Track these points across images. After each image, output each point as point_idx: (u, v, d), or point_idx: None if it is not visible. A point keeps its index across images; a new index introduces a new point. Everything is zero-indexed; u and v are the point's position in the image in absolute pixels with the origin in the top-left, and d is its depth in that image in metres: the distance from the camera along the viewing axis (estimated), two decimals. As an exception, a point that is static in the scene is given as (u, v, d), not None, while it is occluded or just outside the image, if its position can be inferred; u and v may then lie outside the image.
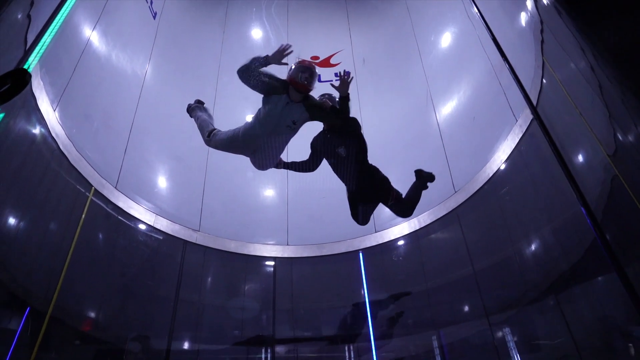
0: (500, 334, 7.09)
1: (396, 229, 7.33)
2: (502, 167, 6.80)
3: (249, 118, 4.01)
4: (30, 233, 5.82)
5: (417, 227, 7.27)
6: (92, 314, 7.24)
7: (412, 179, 5.07)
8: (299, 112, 3.93)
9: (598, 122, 5.25)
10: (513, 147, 6.61)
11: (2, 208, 5.27)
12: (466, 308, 7.60)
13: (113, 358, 7.38)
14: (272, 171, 7.91)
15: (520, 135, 6.51)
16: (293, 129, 3.97)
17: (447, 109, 7.98)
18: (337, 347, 7.94)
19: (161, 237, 6.58)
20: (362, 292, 7.14)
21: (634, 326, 5.14)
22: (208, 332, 7.47)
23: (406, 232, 7.29)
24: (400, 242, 7.31)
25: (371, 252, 7.21)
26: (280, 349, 7.43)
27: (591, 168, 5.32)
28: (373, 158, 7.89)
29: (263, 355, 7.68)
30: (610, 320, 5.83)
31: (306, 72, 3.85)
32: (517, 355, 6.86)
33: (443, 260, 7.43)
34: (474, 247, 7.03)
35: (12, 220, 5.55)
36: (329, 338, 8.01)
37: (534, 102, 5.95)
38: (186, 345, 7.56)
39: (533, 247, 6.74)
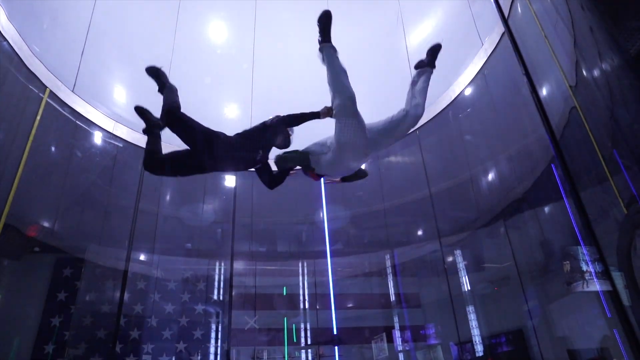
0: (450, 255, 7.51)
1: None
2: (465, 90, 6.90)
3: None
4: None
5: (377, 148, 7.39)
6: (49, 223, 7.21)
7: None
8: None
9: (563, 52, 5.33)
10: (477, 71, 6.68)
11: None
12: (420, 229, 7.96)
13: (72, 267, 7.46)
14: (234, 84, 7.86)
15: (485, 59, 6.57)
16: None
17: (415, 30, 7.91)
18: (295, 262, 8.23)
19: (121, 145, 6.47)
20: (321, 209, 7.32)
21: (572, 246, 5.50)
22: (166, 244, 7.58)
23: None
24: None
25: (332, 171, 7.33)
26: (238, 264, 7.64)
27: (553, 98, 5.45)
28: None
29: (222, 268, 7.90)
30: (550, 244, 6.25)
31: None
32: (464, 276, 7.33)
33: (401, 181, 7.65)
34: (432, 169, 7.24)
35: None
36: (287, 253, 8.29)
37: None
38: (144, 257, 7.68)
39: (488, 173, 7.02)
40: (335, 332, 6.91)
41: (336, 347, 7.08)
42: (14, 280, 7.04)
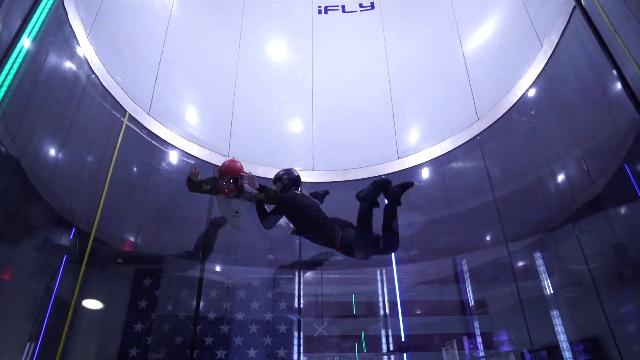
0: (519, 261, 7.38)
1: (418, 155, 7.51)
2: (526, 93, 6.81)
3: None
4: (71, 158, 6.20)
5: (439, 154, 7.43)
6: (131, 236, 7.77)
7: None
8: (237, 203, 5.03)
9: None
10: (538, 73, 6.60)
11: (44, 132, 5.61)
12: (486, 235, 7.87)
13: (152, 276, 7.99)
14: (299, 101, 8.15)
15: (545, 61, 6.48)
16: (241, 215, 5.12)
17: (472, 36, 7.91)
18: (360, 270, 8.35)
19: (193, 162, 6.91)
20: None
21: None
22: (236, 254, 7.93)
23: (428, 158, 7.46)
24: (422, 169, 7.51)
25: (393, 178, 7.41)
26: (306, 272, 7.85)
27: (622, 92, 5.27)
28: (398, 87, 7.97)
29: (291, 277, 8.16)
30: (625, 248, 6.03)
31: (224, 179, 4.88)
32: (534, 282, 7.17)
33: (464, 187, 7.62)
34: (496, 174, 7.18)
35: (53, 145, 5.91)
36: (354, 262, 8.41)
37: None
38: (216, 266, 8.08)
39: (555, 175, 6.88)
40: (403, 339, 6.96)
41: (405, 355, 7.10)
42: (100, 289, 7.63)
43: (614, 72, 4.96)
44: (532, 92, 6.69)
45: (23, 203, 5.68)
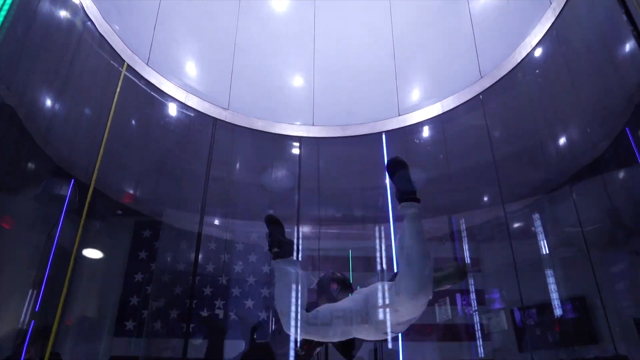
0: (514, 221, 7.46)
1: (419, 113, 7.43)
2: (532, 52, 6.66)
3: None
4: (68, 108, 6.15)
5: (441, 112, 7.36)
6: (131, 188, 7.81)
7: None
8: None
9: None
10: (545, 31, 6.43)
11: (39, 81, 5.53)
12: (484, 195, 7.92)
13: (151, 228, 8.11)
14: (301, 56, 7.99)
15: (553, 20, 6.30)
16: None
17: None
18: (359, 226, 8.44)
19: (192, 114, 6.85)
20: (384, 174, 7.44)
21: None
22: (235, 208, 8.00)
23: (429, 116, 7.39)
24: (423, 127, 7.45)
25: (394, 135, 7.40)
26: (304, 228, 7.93)
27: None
28: (402, 44, 7.78)
29: (289, 231, 8.25)
30: (620, 213, 6.09)
31: None
32: (528, 243, 7.28)
33: (464, 146, 7.59)
34: (497, 134, 7.14)
35: (50, 94, 5.85)
36: (351, 217, 8.50)
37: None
38: (214, 220, 8.17)
39: (555, 137, 6.85)
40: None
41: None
42: (101, 240, 7.75)
43: (626, 33, 4.84)
44: (538, 52, 6.54)
45: (21, 153, 5.67)
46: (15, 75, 4.87)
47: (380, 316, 2.60)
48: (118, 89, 5.94)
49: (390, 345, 7.24)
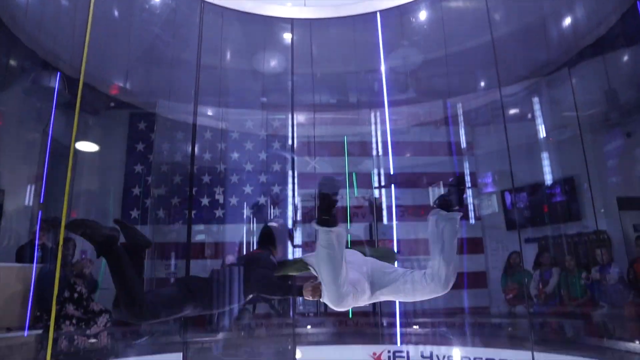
0: (511, 104, 7.43)
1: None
2: None
3: None
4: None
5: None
6: (120, 80, 7.59)
7: None
8: None
9: None
10: None
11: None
12: (482, 77, 7.80)
13: (146, 120, 8.05)
14: None
15: None
16: None
17: None
18: (352, 112, 8.40)
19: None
20: (379, 57, 7.23)
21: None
22: (229, 97, 7.86)
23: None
24: (420, 4, 7.06)
25: (389, 14, 7.05)
26: (298, 114, 7.88)
27: None
28: None
29: (283, 117, 8.24)
30: (616, 94, 6.07)
31: None
32: (523, 126, 7.35)
33: (463, 26, 7.29)
34: (496, 12, 6.83)
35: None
36: (346, 103, 8.42)
37: None
38: (209, 109, 8.07)
39: (559, 16, 6.57)
40: (392, 173, 7.32)
41: (393, 186, 7.50)
42: (97, 134, 7.72)
43: None
44: None
45: (2, 49, 5.41)
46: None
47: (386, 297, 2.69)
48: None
49: (385, 222, 7.65)
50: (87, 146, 7.37)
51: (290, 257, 3.15)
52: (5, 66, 6.13)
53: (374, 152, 7.80)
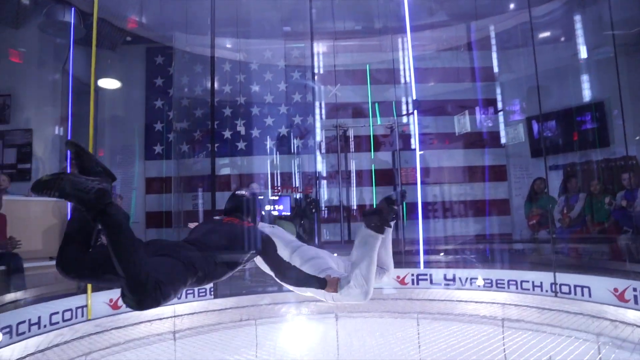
0: (539, 28, 7.03)
1: None
2: None
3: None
4: None
5: None
6: (135, 14, 7.40)
7: None
8: None
9: None
10: None
11: None
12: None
13: (163, 55, 7.93)
14: None
15: None
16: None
17: None
18: (374, 38, 8.12)
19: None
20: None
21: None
22: (246, 27, 7.65)
23: None
24: None
25: None
26: (318, 42, 7.66)
27: None
28: None
29: (302, 46, 8.04)
30: None
31: None
32: (551, 49, 6.99)
33: None
34: None
35: None
36: (368, 29, 8.12)
37: None
38: (228, 42, 7.89)
39: None
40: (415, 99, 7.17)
41: (415, 113, 7.37)
42: (115, 70, 7.68)
43: None
44: None
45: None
46: None
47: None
48: None
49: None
50: (107, 83, 7.36)
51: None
52: (18, 2, 6.02)
53: (399, 80, 7.58)
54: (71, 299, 4.42)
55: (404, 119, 7.64)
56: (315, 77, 7.91)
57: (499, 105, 7.78)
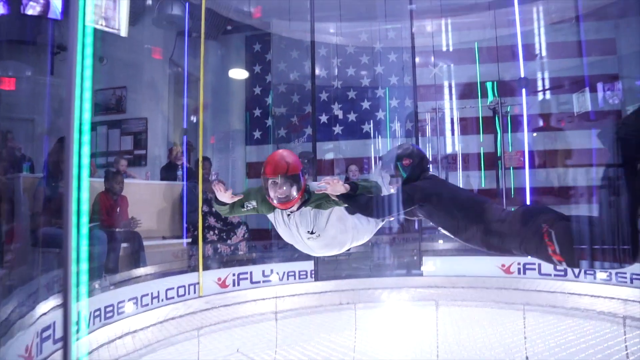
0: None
1: None
2: None
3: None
4: None
5: None
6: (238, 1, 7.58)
7: None
8: (309, 220, 2.80)
9: None
10: None
11: None
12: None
13: (261, 42, 8.08)
14: None
15: None
16: (317, 237, 2.83)
17: None
18: (479, 14, 7.68)
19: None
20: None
21: None
22: (342, 9, 7.57)
23: None
24: None
25: None
26: (417, 21, 7.37)
27: None
28: None
29: (400, 27, 7.80)
30: None
31: (276, 183, 2.58)
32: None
33: None
34: None
35: None
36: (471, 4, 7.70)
37: None
38: (323, 25, 7.86)
39: None
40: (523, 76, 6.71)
41: (524, 91, 6.88)
42: (217, 59, 7.98)
43: None
44: None
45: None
46: None
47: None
48: None
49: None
50: (210, 73, 7.66)
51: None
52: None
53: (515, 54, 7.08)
54: (184, 276, 4.71)
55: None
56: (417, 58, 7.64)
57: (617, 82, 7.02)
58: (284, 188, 2.59)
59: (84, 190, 1.49)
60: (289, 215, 2.80)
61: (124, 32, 4.18)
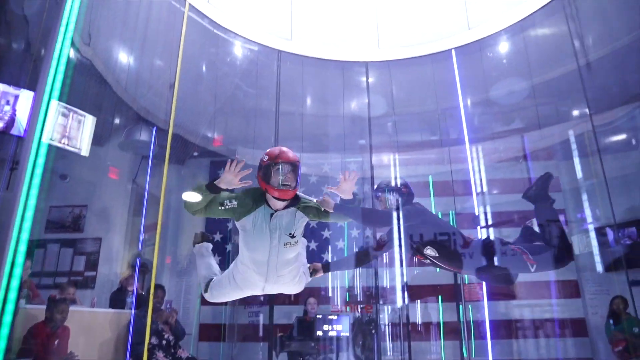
0: (603, 135, 6.94)
1: (492, 24, 6.83)
2: None
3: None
4: (139, 59, 6.19)
5: (517, 20, 6.72)
6: (204, 129, 7.93)
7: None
8: (293, 221, 2.82)
9: None
10: None
11: (112, 35, 5.53)
12: (569, 107, 7.42)
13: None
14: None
15: None
16: (294, 243, 2.83)
17: None
18: (433, 151, 8.22)
19: (256, 48, 6.69)
20: (456, 94, 7.06)
21: None
22: (306, 141, 7.98)
23: (503, 26, 6.78)
24: (497, 38, 6.87)
25: (465, 51, 6.90)
26: (377, 155, 7.81)
27: None
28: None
29: (361, 160, 8.20)
30: None
31: (283, 169, 2.74)
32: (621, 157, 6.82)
33: (546, 55, 7.00)
34: (582, 38, 6.50)
35: (121, 46, 5.88)
36: (427, 143, 8.27)
37: None
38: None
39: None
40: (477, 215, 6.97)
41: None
42: (181, 183, 8.07)
43: None
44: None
45: (104, 104, 5.82)
46: (89, 29, 4.87)
47: None
48: (183, 30, 5.84)
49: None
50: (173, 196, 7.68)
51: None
52: (110, 122, 6.57)
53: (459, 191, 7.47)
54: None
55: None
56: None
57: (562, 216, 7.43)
58: (292, 175, 2.81)
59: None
60: (272, 214, 2.81)
61: (85, 152, 4.29)
